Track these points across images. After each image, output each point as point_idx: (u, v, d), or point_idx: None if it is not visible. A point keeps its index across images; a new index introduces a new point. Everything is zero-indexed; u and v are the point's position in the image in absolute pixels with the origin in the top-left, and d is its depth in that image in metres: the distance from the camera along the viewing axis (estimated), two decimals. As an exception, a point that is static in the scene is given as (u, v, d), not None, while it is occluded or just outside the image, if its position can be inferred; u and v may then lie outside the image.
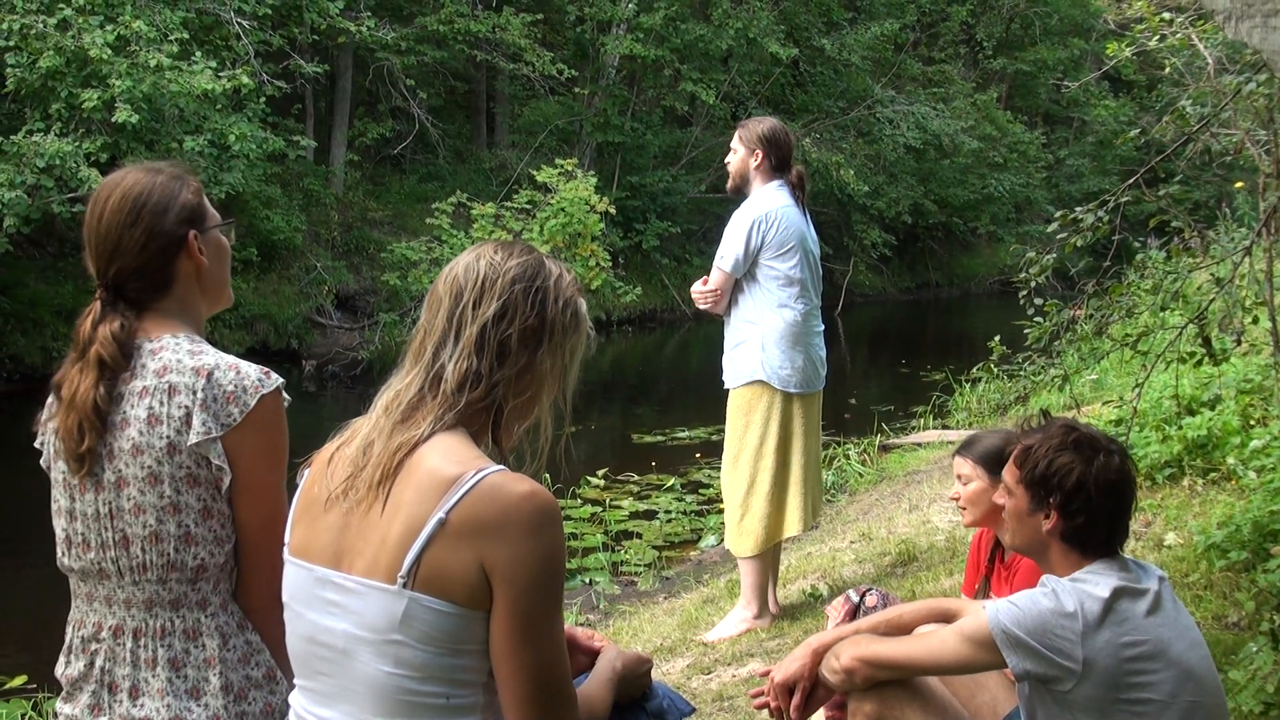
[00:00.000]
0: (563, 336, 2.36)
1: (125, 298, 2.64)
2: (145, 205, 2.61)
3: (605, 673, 2.53)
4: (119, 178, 2.66)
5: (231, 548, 2.58)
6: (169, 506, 2.52)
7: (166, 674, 2.52)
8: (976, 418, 12.53)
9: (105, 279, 2.64)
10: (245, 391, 2.53)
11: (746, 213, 5.96)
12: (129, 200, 2.61)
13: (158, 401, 2.52)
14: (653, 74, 27.33)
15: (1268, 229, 6.11)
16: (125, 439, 2.53)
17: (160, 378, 2.54)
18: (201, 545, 2.54)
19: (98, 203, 2.64)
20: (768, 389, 5.94)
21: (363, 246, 22.19)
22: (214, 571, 2.56)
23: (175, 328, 2.64)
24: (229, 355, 2.61)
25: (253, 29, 17.87)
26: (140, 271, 2.62)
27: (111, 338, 2.57)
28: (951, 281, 36.31)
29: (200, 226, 2.69)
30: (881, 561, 6.96)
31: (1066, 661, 2.82)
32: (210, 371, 2.53)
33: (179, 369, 2.54)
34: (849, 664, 3.14)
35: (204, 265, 2.70)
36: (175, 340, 2.60)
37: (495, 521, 2.12)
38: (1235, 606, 4.88)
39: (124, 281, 2.63)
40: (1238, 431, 6.48)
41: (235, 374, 2.54)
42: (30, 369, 16.53)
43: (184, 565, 2.53)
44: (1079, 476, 2.96)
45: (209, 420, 2.50)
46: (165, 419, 2.51)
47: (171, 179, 2.67)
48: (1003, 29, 37.84)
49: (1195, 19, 6.66)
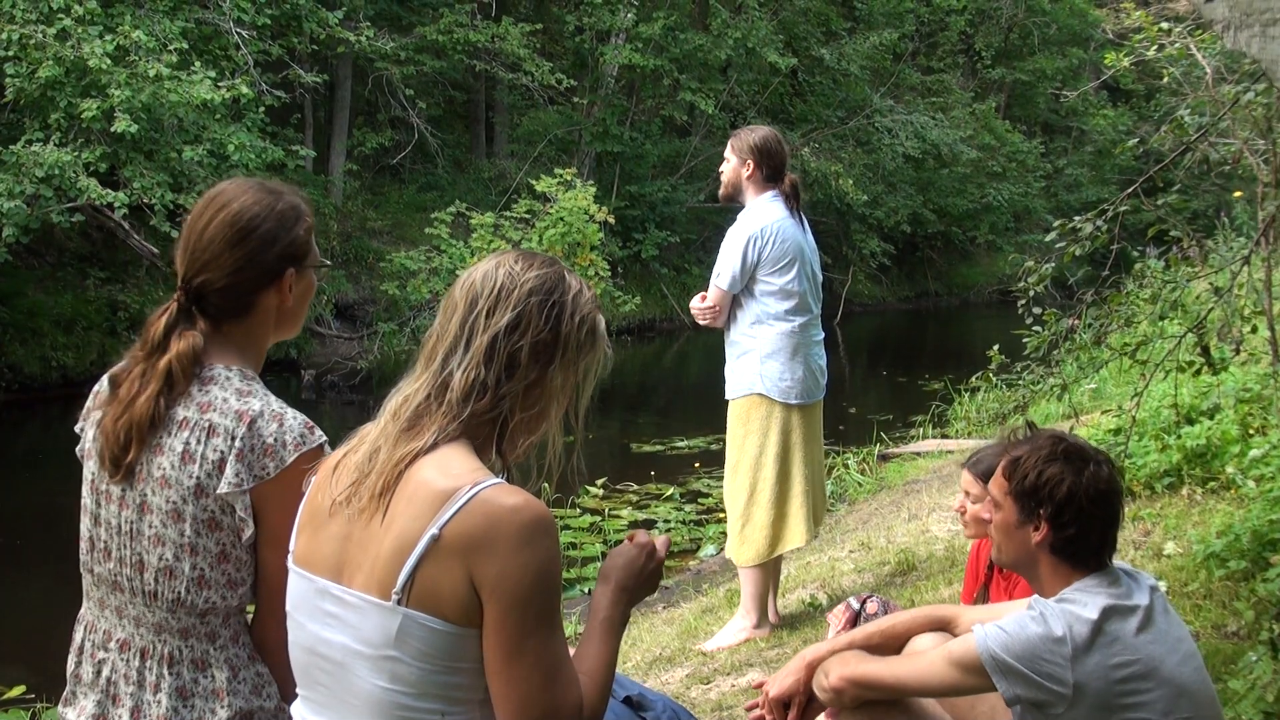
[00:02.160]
0: (576, 353, 2.32)
1: (202, 310, 2.57)
2: (255, 231, 2.54)
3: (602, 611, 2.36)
4: (237, 190, 2.58)
5: (246, 590, 2.55)
6: (187, 546, 2.48)
7: (171, 703, 2.49)
8: (975, 427, 12.53)
9: (188, 285, 2.56)
10: (284, 447, 2.47)
11: (742, 229, 5.93)
12: (241, 220, 2.54)
13: (195, 439, 2.47)
14: (652, 83, 27.35)
15: (1266, 238, 6.12)
16: (156, 466, 2.49)
17: (203, 413, 2.48)
18: (214, 589, 2.51)
19: (210, 206, 2.56)
20: (766, 400, 5.93)
21: (362, 256, 22.18)
22: (224, 611, 2.53)
23: (231, 358, 2.57)
24: (275, 400, 2.53)
25: (252, 39, 17.88)
26: (225, 291, 2.55)
27: (190, 353, 2.50)
28: (950, 291, 36.31)
29: (299, 265, 2.62)
30: (881, 571, 6.95)
31: (1057, 686, 2.79)
32: (253, 420, 2.47)
33: (223, 409, 2.48)
34: (837, 684, 3.12)
35: (289, 304, 2.63)
36: (227, 374, 2.54)
37: (484, 535, 2.10)
38: (1234, 616, 4.87)
39: (206, 294, 2.56)
40: (1237, 440, 6.47)
41: (278, 426, 2.48)
42: (29, 379, 16.54)
43: (194, 606, 2.50)
44: (1069, 487, 2.91)
45: (243, 472, 2.45)
46: (199, 459, 2.46)
47: (289, 209, 2.60)
48: (1001, 39, 37.90)
49: (1193, 28, 6.67)
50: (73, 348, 17.13)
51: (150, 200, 15.35)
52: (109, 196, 14.91)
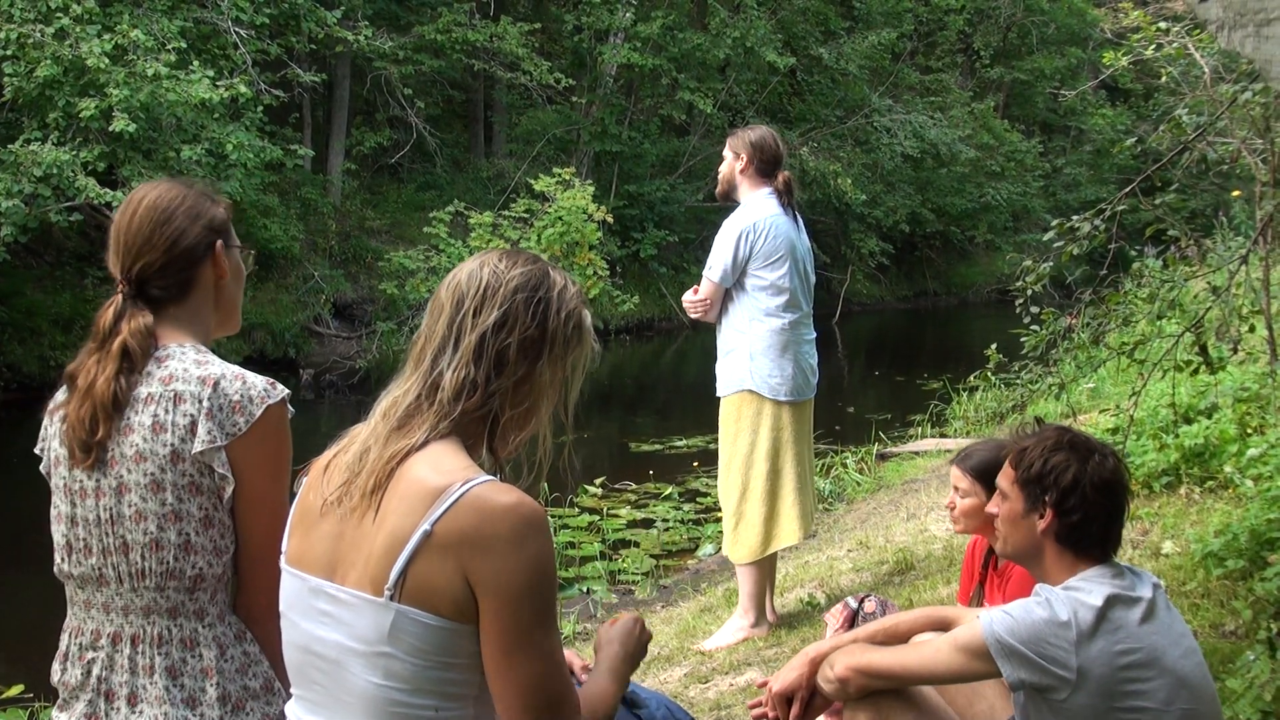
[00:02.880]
0: (564, 349, 2.34)
1: (146, 296, 2.64)
2: (179, 208, 2.66)
3: (610, 657, 2.48)
4: (152, 185, 2.71)
5: (230, 558, 2.58)
6: (170, 514, 2.51)
7: (164, 682, 2.52)
8: (974, 426, 12.53)
9: (128, 274, 2.63)
10: (251, 401, 2.53)
11: (735, 223, 5.95)
12: (164, 200, 2.66)
13: (162, 409, 2.52)
14: (650, 83, 27.36)
15: (1264, 237, 6.13)
16: (128, 445, 2.52)
17: (166, 385, 2.54)
18: (200, 555, 2.53)
19: (131, 203, 2.67)
20: (756, 397, 5.93)
21: (360, 255, 22.19)
22: (211, 582, 2.55)
23: (183, 337, 2.64)
24: (234, 365, 2.61)
25: (250, 38, 17.89)
26: (164, 270, 2.64)
27: (143, 329, 2.58)
28: (949, 290, 36.32)
29: (227, 241, 2.73)
30: (879, 570, 6.96)
31: (1061, 670, 2.82)
32: (216, 381, 2.53)
33: (185, 378, 2.54)
34: (843, 673, 3.14)
35: (225, 276, 2.73)
36: (181, 349, 2.61)
37: (478, 534, 2.11)
38: (1232, 615, 4.87)
39: (148, 278, 2.64)
40: (1235, 440, 6.48)
41: (241, 384, 2.55)
42: (27, 378, 16.53)
43: (182, 574, 2.53)
44: (1075, 474, 2.96)
45: (214, 429, 2.50)
46: (170, 427, 2.51)
47: (203, 194, 2.73)
48: (1000, 38, 37.91)
49: (1191, 28, 6.68)
50: (71, 347, 17.03)
51: (149, 199, 15.33)
52: (107, 196, 14.90)
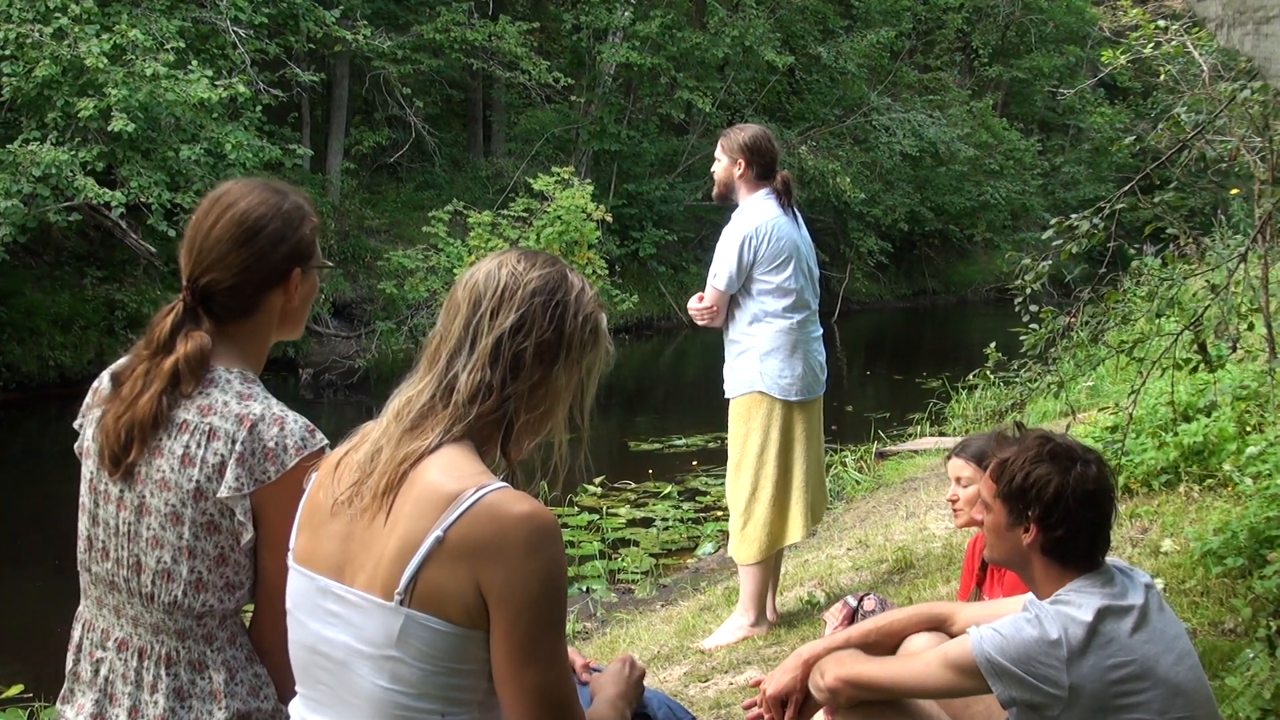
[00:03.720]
0: (580, 352, 2.32)
1: (208, 310, 2.56)
2: (262, 230, 2.53)
3: (608, 696, 2.50)
4: (241, 190, 2.57)
5: (244, 593, 2.54)
6: (185, 549, 2.47)
7: (169, 704, 2.49)
8: (973, 425, 12.52)
9: (194, 285, 2.54)
10: (285, 451, 2.47)
11: (736, 228, 5.94)
12: (249, 220, 2.53)
13: (195, 442, 2.46)
14: (649, 82, 27.34)
15: (1263, 235, 6.13)
16: (155, 469, 2.48)
17: (203, 416, 2.47)
18: (211, 593, 2.50)
19: (214, 208, 2.55)
20: (767, 398, 5.94)
21: (359, 255, 22.17)
22: (220, 614, 2.53)
23: (233, 360, 2.56)
24: (276, 404, 2.53)
25: (249, 37, 17.88)
26: (232, 291, 2.54)
27: (197, 354, 2.49)
28: (948, 289, 36.30)
29: (305, 265, 2.62)
30: (879, 569, 6.96)
31: (1052, 689, 2.79)
32: (254, 424, 2.46)
33: (224, 413, 2.48)
34: (833, 684, 3.12)
35: (294, 303, 2.63)
36: (228, 377, 2.53)
37: (491, 542, 2.10)
38: (1232, 613, 4.87)
39: (212, 294, 2.54)
40: (1234, 438, 6.48)
41: (279, 430, 2.47)
42: (26, 378, 16.54)
43: (190, 609, 2.50)
44: (1056, 488, 2.91)
45: (243, 476, 2.44)
46: (199, 463, 2.46)
47: (295, 209, 2.59)
48: (998, 36, 37.88)
49: (1190, 26, 6.67)
50: (70, 347, 17.13)
51: (147, 199, 15.35)
52: (106, 196, 14.91)
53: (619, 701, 2.49)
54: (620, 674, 2.56)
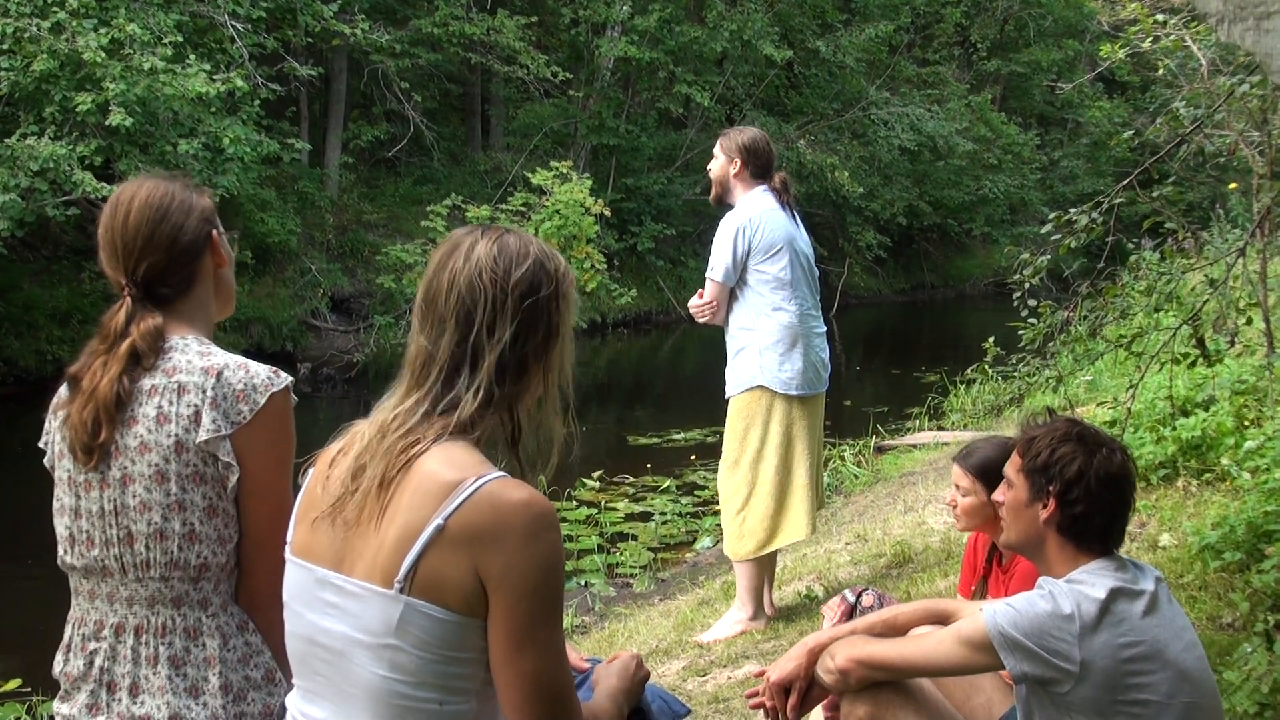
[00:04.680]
0: (564, 329, 2.32)
1: (153, 297, 2.64)
2: (171, 204, 2.65)
3: (609, 688, 2.50)
4: (136, 184, 2.68)
5: (234, 547, 2.58)
6: (174, 504, 2.52)
7: (167, 671, 2.53)
8: (971, 419, 12.54)
9: (134, 279, 2.63)
10: (255, 390, 2.54)
11: (730, 221, 5.98)
12: (154, 200, 2.64)
13: (166, 400, 2.53)
14: (647, 76, 27.33)
15: (1261, 230, 6.13)
16: (132, 436, 2.54)
17: (170, 377, 2.55)
18: (205, 544, 2.54)
19: (120, 206, 2.65)
20: (768, 393, 5.93)
21: (357, 249, 22.17)
22: (215, 571, 2.56)
23: (186, 330, 2.65)
24: (237, 355, 2.62)
25: (247, 32, 17.86)
26: (168, 268, 2.64)
27: (154, 330, 2.58)
28: (946, 283, 36.32)
29: (217, 226, 2.74)
30: (877, 563, 6.97)
31: (1064, 663, 2.82)
32: (220, 371, 2.55)
33: (188, 369, 2.56)
34: (844, 664, 3.14)
35: (225, 264, 2.74)
36: (185, 341, 2.62)
37: (491, 529, 2.10)
38: (1230, 607, 4.88)
39: (153, 279, 2.63)
40: (1232, 432, 6.48)
41: (244, 373, 2.56)
42: (24, 372, 16.53)
43: (187, 564, 2.53)
44: (1080, 466, 2.96)
45: (219, 418, 2.51)
46: (174, 417, 2.52)
47: (186, 186, 2.72)
48: (997, 31, 37.88)
49: (1189, 20, 6.67)
50: (68, 341, 17.10)
51: (145, 194, 15.32)
52: (104, 190, 14.86)
53: (619, 695, 2.49)
54: (626, 669, 2.55)
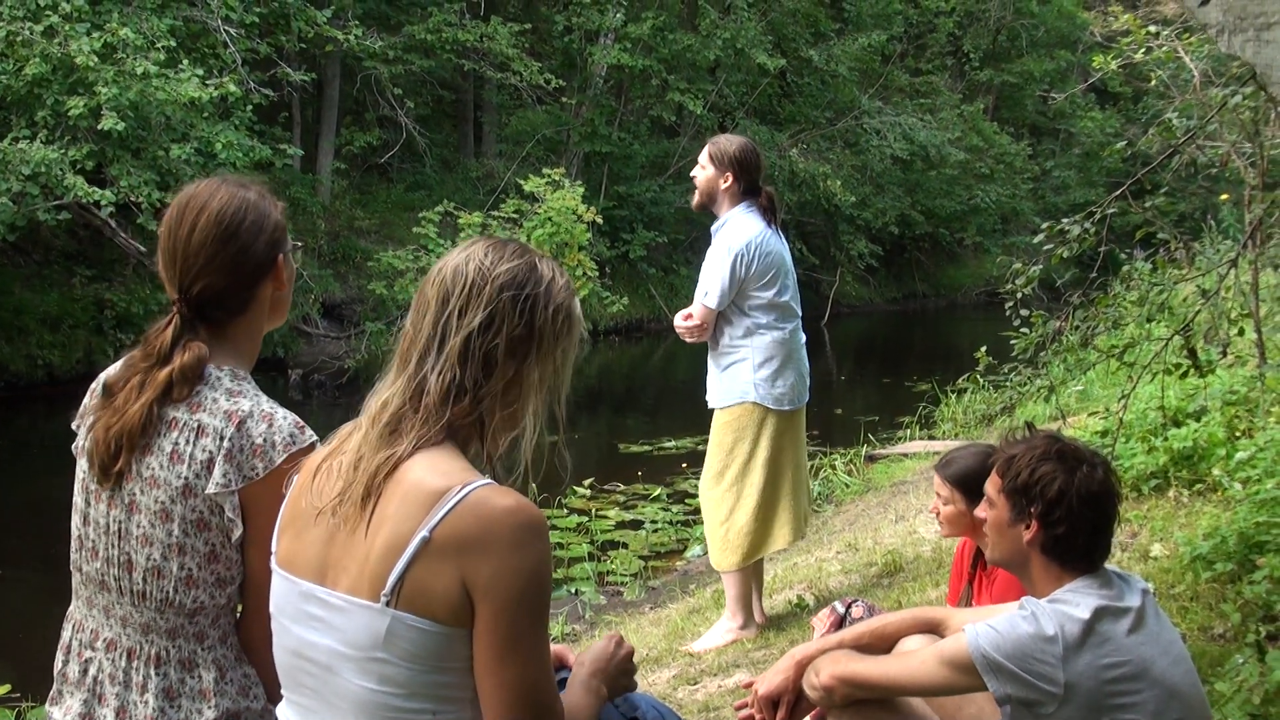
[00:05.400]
0: (553, 343, 2.26)
1: (205, 318, 2.55)
2: (242, 224, 2.53)
3: (580, 676, 2.44)
4: (208, 192, 2.56)
5: (235, 589, 2.54)
6: (175, 546, 2.47)
7: (158, 703, 2.48)
8: (962, 428, 12.54)
9: (187, 296, 2.53)
10: (274, 448, 2.46)
11: (725, 245, 5.88)
12: (225, 216, 2.52)
13: (184, 439, 2.46)
14: (640, 84, 27.33)
15: (1253, 241, 6.14)
16: (145, 466, 2.47)
17: (192, 414, 2.47)
18: (202, 589, 2.49)
19: (187, 214, 2.54)
20: (760, 409, 5.92)
21: (349, 255, 22.13)
22: (213, 610, 2.52)
23: (226, 358, 2.56)
24: (265, 400, 2.52)
25: (240, 37, 17.83)
26: (226, 292, 2.54)
27: (195, 365, 2.49)
28: (938, 292, 36.35)
29: (285, 249, 2.63)
30: (868, 572, 6.96)
31: (1048, 685, 2.79)
32: (242, 420, 2.46)
33: (212, 409, 2.47)
34: (828, 682, 3.11)
35: (284, 289, 2.64)
36: (218, 374, 2.53)
37: (478, 538, 2.07)
38: (1221, 618, 4.87)
39: (207, 300, 2.54)
40: (1223, 443, 6.49)
41: (267, 426, 2.47)
42: (15, 376, 16.51)
43: (182, 605, 2.49)
44: (1060, 486, 2.93)
45: (231, 472, 2.44)
46: (187, 459, 2.45)
47: (260, 196, 2.60)
48: (989, 41, 37.95)
49: (1181, 31, 6.68)
50: (59, 346, 17.08)
51: (137, 198, 15.31)
52: (96, 194, 14.86)
53: (592, 680, 2.42)
54: (601, 653, 2.48)
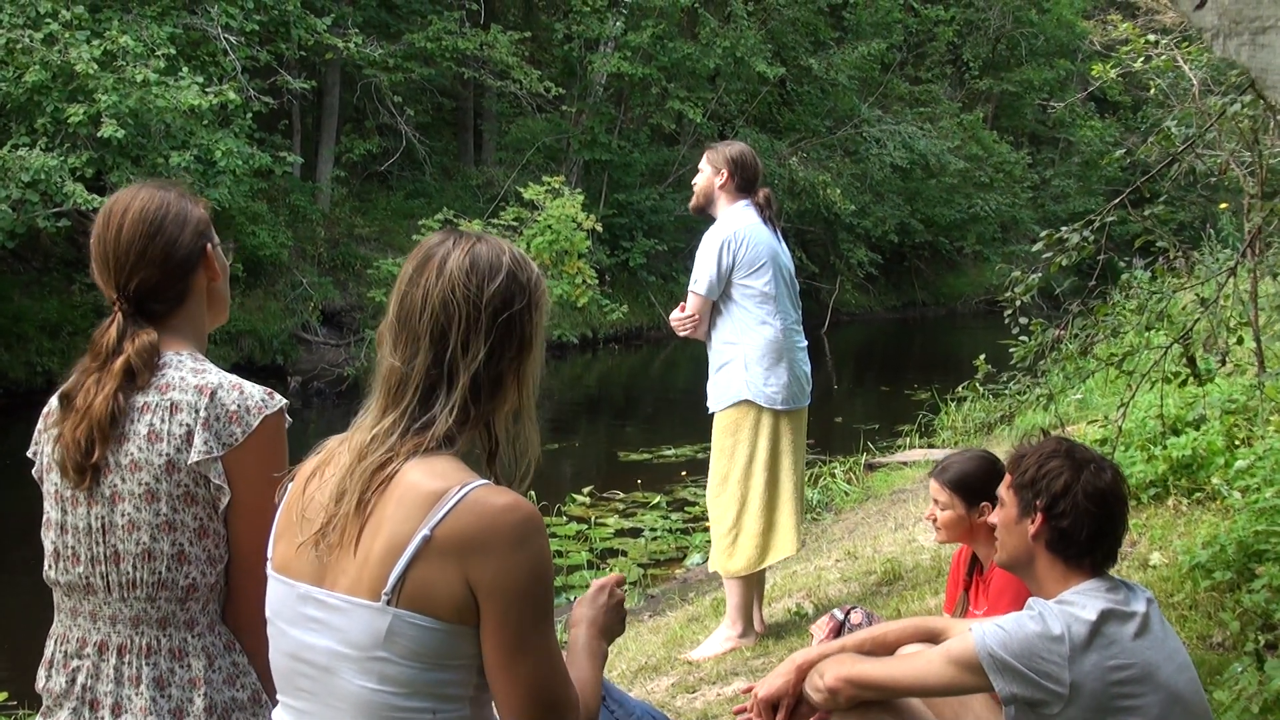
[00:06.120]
0: (536, 335, 2.28)
1: (145, 312, 2.60)
2: (165, 218, 2.60)
3: (580, 641, 2.46)
4: (131, 194, 2.63)
5: (224, 568, 2.55)
6: (164, 525, 2.49)
7: (150, 693, 2.49)
8: (962, 436, 12.53)
9: (125, 293, 2.58)
10: (248, 411, 2.51)
11: (715, 234, 6.01)
12: (148, 213, 2.59)
13: (158, 419, 2.50)
14: (640, 92, 27.37)
15: (1252, 249, 6.14)
16: (123, 454, 2.50)
17: (162, 394, 2.52)
18: (194, 565, 2.51)
19: (113, 218, 2.60)
20: (754, 408, 5.93)
21: (349, 263, 22.14)
22: (204, 591, 2.53)
23: (179, 345, 2.61)
24: (231, 374, 2.58)
25: (240, 45, 17.85)
26: (161, 284, 2.60)
27: (148, 346, 2.54)
28: (937, 300, 36.37)
29: (211, 240, 2.69)
30: (867, 580, 6.95)
31: (1053, 685, 2.80)
32: (213, 390, 2.51)
33: (182, 386, 2.52)
34: (833, 683, 3.12)
35: (219, 279, 2.70)
36: (179, 358, 2.58)
37: (479, 536, 2.09)
38: (1220, 627, 4.87)
39: (145, 295, 2.59)
40: (1222, 451, 6.48)
41: (239, 394, 2.52)
42: (14, 384, 16.49)
43: (175, 584, 2.50)
44: (1066, 481, 2.96)
45: (211, 440, 2.48)
46: (166, 436, 2.49)
47: (181, 196, 2.67)
48: (989, 49, 37.98)
49: (1180, 40, 6.69)
50: (58, 353, 17.06)
51: (137, 206, 15.30)
52: (95, 202, 14.83)
53: (594, 643, 2.46)
54: (591, 599, 2.51)
